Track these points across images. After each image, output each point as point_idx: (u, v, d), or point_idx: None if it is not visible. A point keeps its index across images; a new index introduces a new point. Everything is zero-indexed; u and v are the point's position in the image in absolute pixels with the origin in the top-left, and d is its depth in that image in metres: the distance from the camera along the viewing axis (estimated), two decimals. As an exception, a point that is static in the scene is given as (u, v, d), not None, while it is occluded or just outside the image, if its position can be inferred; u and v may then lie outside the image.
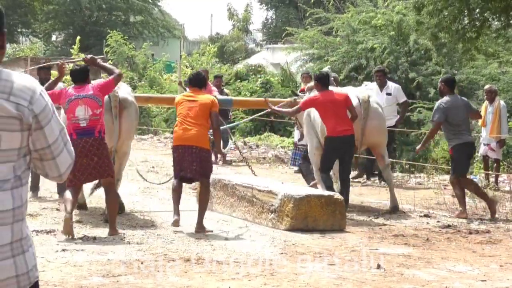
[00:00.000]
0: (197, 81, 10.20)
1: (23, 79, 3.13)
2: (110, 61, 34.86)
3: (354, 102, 11.57)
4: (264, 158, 19.79)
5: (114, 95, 10.27)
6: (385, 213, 11.55)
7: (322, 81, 11.42)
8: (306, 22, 27.13)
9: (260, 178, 12.37)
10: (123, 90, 10.76)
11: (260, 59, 38.30)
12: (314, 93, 11.62)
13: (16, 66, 44.77)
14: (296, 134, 17.33)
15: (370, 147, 12.55)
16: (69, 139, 3.32)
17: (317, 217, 9.89)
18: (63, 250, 8.36)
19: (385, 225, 10.63)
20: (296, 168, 17.09)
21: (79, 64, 10.06)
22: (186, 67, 32.81)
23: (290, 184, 12.21)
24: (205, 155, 9.83)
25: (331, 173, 11.52)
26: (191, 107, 9.82)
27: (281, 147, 21.85)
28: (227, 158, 18.55)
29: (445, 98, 11.66)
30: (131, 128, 10.71)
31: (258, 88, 26.77)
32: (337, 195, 10.29)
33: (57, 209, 11.04)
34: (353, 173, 13.95)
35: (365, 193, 13.99)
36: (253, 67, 31.20)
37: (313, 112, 11.61)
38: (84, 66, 9.93)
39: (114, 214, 9.53)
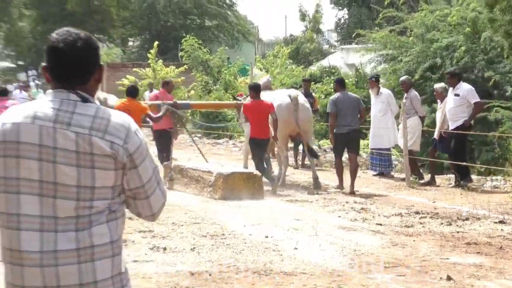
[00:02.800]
0: (131, 92, 14.05)
1: (118, 117, 3.14)
2: (185, 66, 35.18)
3: (286, 99, 15.15)
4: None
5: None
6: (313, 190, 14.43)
7: (255, 89, 14.67)
8: (377, 22, 26.84)
9: (207, 163, 15.59)
10: (112, 99, 13.85)
11: (334, 60, 38.04)
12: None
13: None
14: (371, 138, 17.20)
15: (302, 134, 15.31)
16: (161, 179, 3.30)
17: (241, 189, 13.15)
18: (134, 261, 8.40)
19: (458, 232, 10.42)
20: (374, 172, 17.00)
21: None
22: (261, 69, 32.77)
23: (226, 165, 15.50)
24: None
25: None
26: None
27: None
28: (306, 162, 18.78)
29: None
30: None
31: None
32: (256, 172, 13.86)
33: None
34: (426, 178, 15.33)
35: (439, 197, 13.77)
36: (326, 69, 30.97)
37: None
38: None
39: None
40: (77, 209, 3.04)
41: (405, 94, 16.45)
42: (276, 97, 15.44)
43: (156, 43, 37.56)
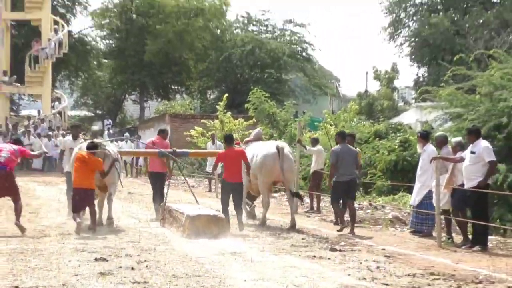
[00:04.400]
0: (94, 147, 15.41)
1: None
2: (254, 119, 34.96)
3: (273, 150, 17.25)
4: (380, 219, 18.93)
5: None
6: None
7: (228, 140, 16.68)
8: (445, 79, 26.07)
9: (191, 205, 17.32)
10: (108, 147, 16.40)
11: (409, 118, 37.36)
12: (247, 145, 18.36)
13: (159, 121, 45.81)
14: (413, 195, 16.52)
15: (284, 181, 17.25)
16: None
17: (205, 229, 14.62)
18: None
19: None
20: (414, 230, 16.37)
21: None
22: (330, 125, 32.28)
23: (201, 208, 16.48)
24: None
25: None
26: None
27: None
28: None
29: None
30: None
31: (396, 147, 25.82)
32: (220, 215, 15.29)
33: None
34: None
35: (465, 259, 12.93)
36: (392, 125, 30.29)
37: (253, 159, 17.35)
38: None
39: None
40: None
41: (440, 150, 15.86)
42: (265, 147, 17.60)
43: (226, 95, 37.62)
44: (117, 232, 15.18)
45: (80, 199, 15.05)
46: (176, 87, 60.55)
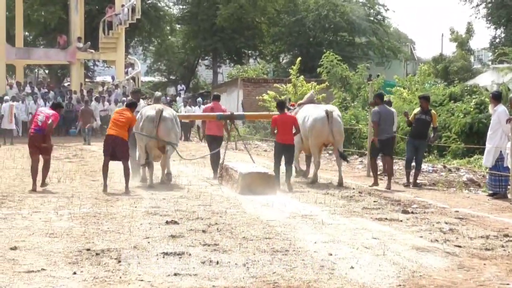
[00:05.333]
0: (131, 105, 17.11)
1: None
2: (326, 83, 34.69)
3: (323, 113, 18.30)
4: (454, 181, 18.71)
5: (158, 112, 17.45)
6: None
7: (280, 106, 17.73)
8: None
9: (246, 163, 18.73)
10: (166, 111, 17.70)
11: (485, 79, 36.61)
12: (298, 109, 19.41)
13: (232, 86, 45.82)
14: (485, 156, 16.26)
15: (334, 142, 18.40)
16: None
17: (256, 186, 15.69)
18: (175, 274, 7.94)
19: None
20: (490, 192, 16.09)
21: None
22: (404, 88, 31.82)
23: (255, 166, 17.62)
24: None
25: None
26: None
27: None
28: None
29: None
30: (166, 134, 17.47)
31: (471, 109, 25.33)
32: (271, 172, 16.52)
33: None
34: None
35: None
36: (468, 87, 29.69)
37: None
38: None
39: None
40: None
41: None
42: (315, 111, 18.61)
43: (299, 59, 37.37)
44: (188, 196, 15.25)
45: (108, 145, 16.38)
46: (249, 52, 60.33)
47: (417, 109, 18.43)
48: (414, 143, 18.13)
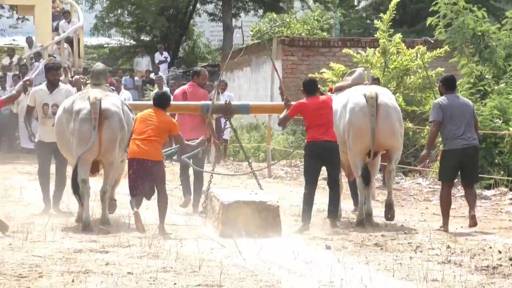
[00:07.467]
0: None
1: None
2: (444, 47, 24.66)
3: (362, 100, 11.12)
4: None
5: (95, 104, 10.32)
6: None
7: (309, 87, 11.19)
8: None
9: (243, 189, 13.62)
10: (108, 101, 10.60)
11: None
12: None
13: (259, 53, 35.15)
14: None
15: (385, 150, 11.42)
16: None
17: (246, 223, 9.93)
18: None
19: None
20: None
21: None
22: None
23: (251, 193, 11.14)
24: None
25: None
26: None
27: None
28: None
29: None
30: (112, 139, 10.55)
31: None
32: (271, 202, 10.32)
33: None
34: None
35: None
36: None
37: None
38: None
39: None
40: None
41: None
42: (350, 98, 11.44)
43: (394, 0, 22.77)
44: (177, 267, 8.21)
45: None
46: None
47: None
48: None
